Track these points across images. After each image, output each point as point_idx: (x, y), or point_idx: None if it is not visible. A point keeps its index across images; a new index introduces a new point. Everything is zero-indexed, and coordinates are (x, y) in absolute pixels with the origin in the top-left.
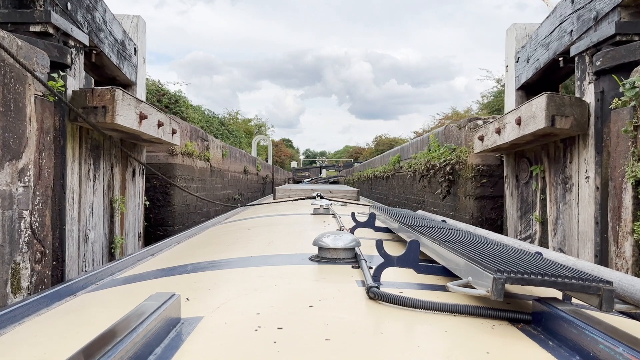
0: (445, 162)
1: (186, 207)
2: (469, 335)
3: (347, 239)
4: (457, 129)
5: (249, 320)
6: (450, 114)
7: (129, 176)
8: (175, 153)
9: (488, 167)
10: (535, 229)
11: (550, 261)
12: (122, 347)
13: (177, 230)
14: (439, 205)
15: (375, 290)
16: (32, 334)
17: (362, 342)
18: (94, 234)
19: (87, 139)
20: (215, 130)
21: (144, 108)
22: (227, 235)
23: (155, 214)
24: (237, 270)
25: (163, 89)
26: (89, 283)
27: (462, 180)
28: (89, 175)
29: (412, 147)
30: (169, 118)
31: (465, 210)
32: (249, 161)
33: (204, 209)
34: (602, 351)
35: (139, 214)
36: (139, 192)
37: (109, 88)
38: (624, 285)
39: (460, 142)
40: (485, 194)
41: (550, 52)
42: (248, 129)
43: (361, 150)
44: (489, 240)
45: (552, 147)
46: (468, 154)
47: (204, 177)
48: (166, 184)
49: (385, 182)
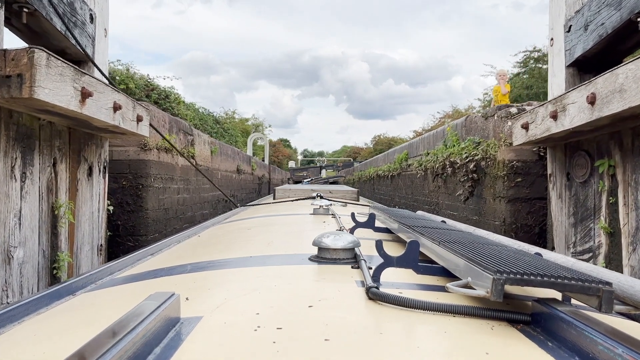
0: (469, 158)
1: (164, 212)
2: (469, 335)
3: (347, 239)
4: (482, 120)
5: (249, 320)
6: (452, 112)
7: (83, 175)
8: (148, 147)
9: (523, 164)
10: (600, 241)
11: (549, 262)
12: (122, 347)
13: (150, 240)
14: (458, 208)
15: (375, 291)
16: (32, 334)
17: (361, 343)
18: (22, 251)
19: (10, 124)
20: (210, 129)
21: (88, 83)
22: (227, 235)
23: (125, 221)
24: (236, 270)
25: (152, 84)
26: (89, 282)
27: (489, 179)
28: (12, 174)
29: (422, 143)
30: (133, 102)
31: (493, 214)
32: (243, 160)
33: (187, 213)
34: (601, 352)
35: (98, 222)
36: (98, 195)
37: (26, 48)
38: (623, 287)
39: (486, 135)
40: (520, 196)
41: (624, 12)
42: (245, 129)
43: (359, 150)
44: (488, 241)
45: (627, 136)
46: (498, 148)
47: (187, 177)
48: (138, 185)
49: (390, 182)
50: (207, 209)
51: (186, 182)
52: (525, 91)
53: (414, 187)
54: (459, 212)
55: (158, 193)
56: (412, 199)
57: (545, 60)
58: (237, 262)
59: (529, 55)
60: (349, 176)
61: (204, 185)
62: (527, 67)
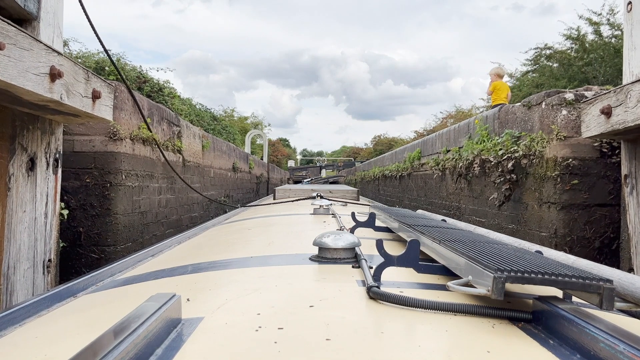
0: (506, 155)
1: (140, 216)
2: (470, 334)
3: (348, 238)
4: (523, 109)
5: (250, 321)
6: (454, 112)
7: (19, 169)
8: (119, 137)
9: (581, 162)
10: None
11: (550, 260)
12: (123, 348)
13: (121, 251)
14: (487, 214)
15: (376, 290)
16: (33, 335)
17: (362, 342)
18: None
19: None
20: (207, 125)
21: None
22: (228, 236)
23: (88, 228)
24: (237, 271)
25: (144, 76)
26: (90, 284)
27: (532, 180)
28: None
29: (439, 139)
30: (87, 72)
31: (538, 223)
32: (240, 157)
33: (171, 216)
34: (602, 349)
35: (45, 231)
36: (46, 196)
37: None
38: (624, 284)
39: (529, 127)
40: (577, 202)
41: None
42: (244, 127)
43: (359, 150)
44: (489, 239)
45: None
46: (547, 143)
47: (172, 174)
48: (104, 184)
49: (399, 183)
50: (197, 211)
51: (170, 181)
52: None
53: (428, 189)
54: (490, 218)
55: (132, 193)
56: (426, 201)
57: (557, 58)
58: (238, 262)
59: (539, 52)
60: (350, 176)
61: (193, 184)
62: (538, 64)
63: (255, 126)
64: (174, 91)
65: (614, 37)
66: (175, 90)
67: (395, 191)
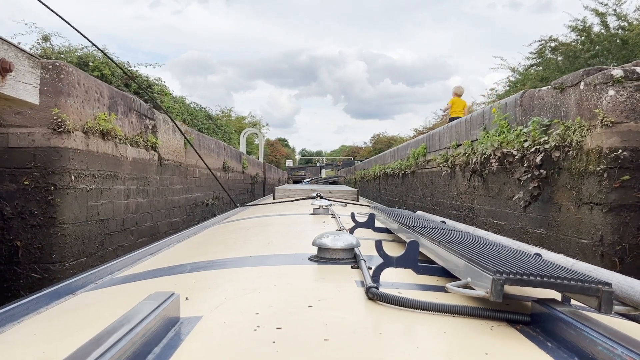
0: (534, 147)
1: (99, 225)
2: (468, 336)
3: (347, 239)
4: (554, 92)
5: (248, 320)
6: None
7: None
8: (65, 129)
9: (634, 154)
10: None
11: (549, 262)
12: (121, 346)
13: (69, 268)
14: (509, 216)
15: (375, 291)
16: (31, 333)
17: (361, 343)
18: None
19: None
20: (201, 124)
21: None
22: (227, 235)
23: (28, 241)
24: (236, 270)
25: (131, 71)
26: (88, 282)
27: (567, 176)
28: None
29: (448, 133)
30: None
31: (577, 228)
32: (231, 156)
33: (144, 223)
34: (600, 353)
35: None
36: None
37: None
38: (623, 287)
39: (562, 114)
40: (629, 202)
41: None
42: (242, 127)
43: (358, 150)
44: (488, 241)
45: None
46: (588, 131)
47: (144, 175)
48: (47, 186)
49: (402, 182)
50: (179, 215)
51: (142, 182)
52: (540, 84)
53: (435, 188)
54: (511, 221)
55: (86, 197)
56: (432, 201)
57: (562, 51)
58: (236, 262)
59: (544, 44)
60: (349, 175)
61: (172, 185)
62: (542, 57)
63: (253, 126)
64: (166, 88)
65: (620, 28)
66: (167, 88)
67: (397, 190)
